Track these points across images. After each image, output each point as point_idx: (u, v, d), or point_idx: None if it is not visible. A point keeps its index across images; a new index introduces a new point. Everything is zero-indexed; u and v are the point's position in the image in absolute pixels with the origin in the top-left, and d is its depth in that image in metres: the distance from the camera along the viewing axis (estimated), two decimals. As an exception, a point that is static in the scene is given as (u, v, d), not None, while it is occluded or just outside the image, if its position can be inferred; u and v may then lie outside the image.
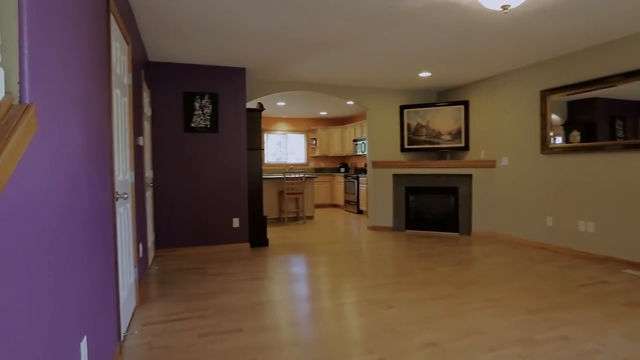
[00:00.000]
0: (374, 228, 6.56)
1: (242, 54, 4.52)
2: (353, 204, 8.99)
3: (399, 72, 5.49)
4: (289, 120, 10.58)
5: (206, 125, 4.92)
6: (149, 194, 4.27)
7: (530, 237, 5.18)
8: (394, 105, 6.69)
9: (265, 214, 7.53)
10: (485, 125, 5.97)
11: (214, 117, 4.94)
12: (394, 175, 6.45)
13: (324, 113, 9.75)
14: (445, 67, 5.25)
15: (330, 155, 10.54)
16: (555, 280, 3.59)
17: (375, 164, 6.50)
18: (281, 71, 5.35)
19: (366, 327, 2.61)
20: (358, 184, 8.77)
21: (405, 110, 6.67)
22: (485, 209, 5.84)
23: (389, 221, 6.47)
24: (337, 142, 10.46)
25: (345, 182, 9.37)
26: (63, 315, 1.29)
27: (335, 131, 10.46)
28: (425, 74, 5.60)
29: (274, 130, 10.44)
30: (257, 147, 5.32)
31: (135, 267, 2.97)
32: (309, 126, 10.78)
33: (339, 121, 11.09)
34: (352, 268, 4.11)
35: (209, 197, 4.96)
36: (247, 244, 5.15)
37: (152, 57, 4.61)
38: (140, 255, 3.40)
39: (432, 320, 2.72)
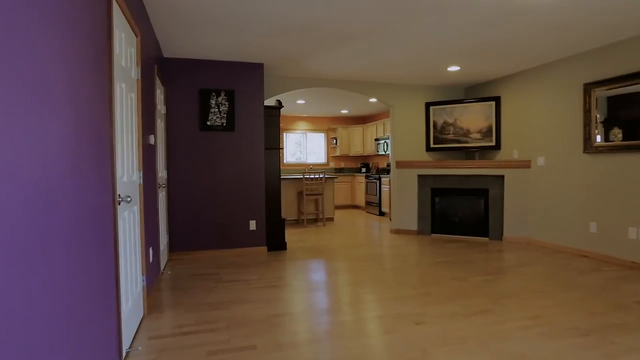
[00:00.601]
0: (397, 231, 6.23)
1: (259, 48, 4.30)
2: (374, 206, 8.67)
3: (427, 66, 5.15)
4: (308, 119, 10.35)
5: (222, 123, 4.72)
6: (162, 195, 4.10)
7: (570, 244, 4.75)
8: (419, 102, 6.35)
9: (283, 215, 7.31)
10: (518, 122, 5.56)
11: (231, 115, 4.74)
12: (419, 176, 6.10)
13: (345, 111, 9.46)
14: (476, 60, 4.88)
15: (351, 154, 10.24)
16: (606, 295, 3.20)
17: (400, 164, 6.18)
18: (301, 66, 5.10)
19: (393, 347, 2.32)
20: (380, 184, 8.45)
21: (432, 108, 6.31)
22: (518, 212, 5.43)
23: (413, 224, 6.13)
24: (358, 141, 10.15)
25: (367, 182, 9.05)
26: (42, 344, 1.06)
27: (357, 130, 10.16)
28: (454, 68, 5.24)
29: (293, 130, 10.23)
30: (275, 147, 5.10)
31: (143, 274, 2.77)
32: (329, 125, 10.51)
33: (360, 120, 10.78)
34: (375, 276, 3.81)
35: (225, 198, 4.76)
36: (264, 248, 4.92)
37: (167, 53, 4.45)
38: (151, 260, 3.21)
39: (467, 340, 2.40)
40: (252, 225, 4.87)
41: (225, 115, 4.73)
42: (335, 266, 4.22)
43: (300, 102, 7.95)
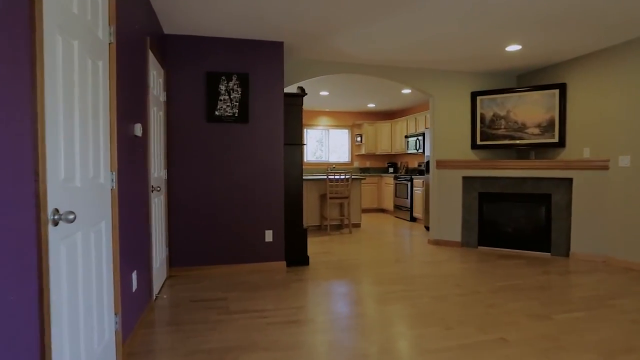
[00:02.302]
0: (436, 242, 5.33)
1: (279, 19, 3.49)
2: (405, 210, 7.77)
3: (481, 45, 4.23)
4: (331, 114, 9.51)
5: (234, 113, 3.93)
6: (159, 200, 3.34)
7: (667, 266, 3.76)
8: (463, 92, 5.42)
9: (304, 222, 6.50)
10: (591, 114, 4.57)
11: (244, 103, 3.95)
12: (464, 178, 5.18)
13: (371, 105, 8.58)
14: (546, 35, 3.94)
15: (378, 153, 9.35)
16: None
17: (441, 164, 5.27)
18: (328, 47, 4.27)
19: None
20: (412, 186, 7.54)
21: (479, 98, 5.38)
22: (591, 223, 4.45)
23: (456, 235, 5.22)
24: (386, 138, 9.25)
25: (396, 184, 8.15)
26: None
27: (384, 126, 9.26)
28: (514, 48, 4.31)
29: (315, 125, 9.41)
30: (296, 142, 4.28)
31: (115, 315, 1.99)
32: (354, 120, 9.64)
33: (388, 115, 9.87)
34: (425, 308, 2.95)
35: (237, 203, 3.97)
36: (282, 263, 4.12)
37: (168, 29, 3.69)
38: (134, 288, 2.44)
39: None
40: (269, 236, 4.07)
41: (237, 103, 3.94)
42: (369, 291, 3.37)
43: (323, 93, 7.12)
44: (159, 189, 3.02)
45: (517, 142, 5.15)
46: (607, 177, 4.37)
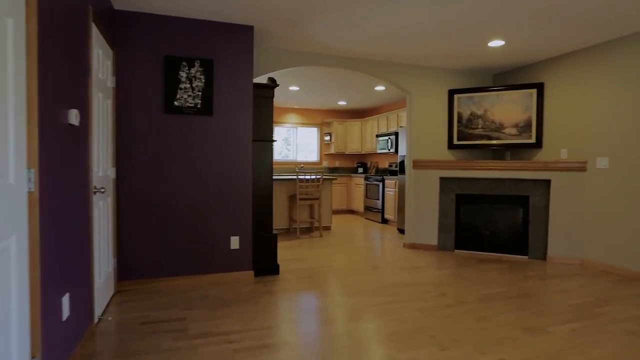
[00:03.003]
0: (412, 246, 5.10)
1: (249, 1, 3.08)
2: (376, 212, 7.53)
3: (462, 38, 4.01)
4: (300, 111, 9.13)
5: (196, 104, 3.47)
6: (104, 203, 2.83)
7: (646, 270, 3.71)
8: (441, 89, 5.22)
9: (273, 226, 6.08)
10: (569, 114, 4.49)
11: (208, 93, 3.49)
12: (442, 179, 4.98)
13: (342, 103, 8.29)
14: (530, 31, 3.77)
15: (347, 152, 9.08)
16: None
17: (418, 164, 5.04)
18: (302, 35, 3.89)
19: None
20: (383, 187, 7.31)
21: (456, 96, 5.20)
22: (568, 226, 4.37)
23: (432, 238, 5.00)
24: (356, 137, 9.00)
25: (367, 184, 7.91)
26: None
27: (354, 125, 9.00)
28: (496, 43, 4.13)
29: (282, 123, 8.99)
30: (266, 139, 3.87)
31: (33, 358, 1.52)
32: (323, 118, 9.32)
33: (359, 113, 9.62)
34: (412, 324, 2.65)
35: (199, 206, 3.51)
36: (250, 273, 3.69)
37: (119, 3, 3.16)
38: (65, 316, 1.95)
39: None
40: (235, 242, 3.64)
41: (199, 93, 3.47)
42: (348, 305, 3.03)
43: (293, 88, 6.73)
44: (103, 190, 2.52)
45: (495, 142, 5.01)
46: (584, 178, 4.30)
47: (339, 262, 4.35)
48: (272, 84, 3.86)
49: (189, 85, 3.44)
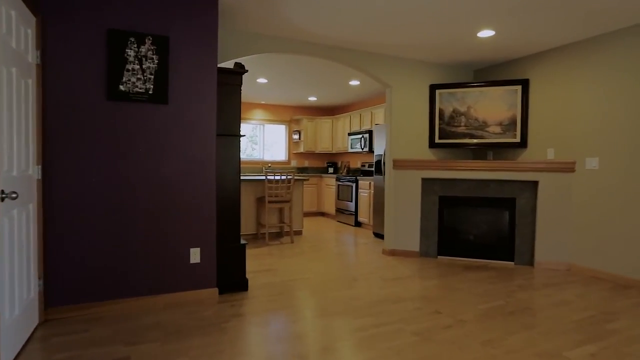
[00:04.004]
0: (392, 253, 4.72)
1: (212, -40, 2.53)
2: (348, 214, 7.13)
3: (450, 26, 3.67)
4: (267, 107, 8.56)
5: (147, 89, 2.87)
6: (26, 212, 2.18)
7: (638, 276, 3.52)
8: (422, 84, 4.88)
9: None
10: (555, 113, 4.28)
11: (162, 77, 2.90)
12: (424, 180, 4.63)
13: (313, 99, 7.82)
14: (523, 21, 3.48)
15: (317, 151, 8.63)
16: None
17: (398, 164, 4.66)
18: (274, 15, 3.38)
19: None
20: (357, 188, 6.92)
21: (438, 92, 4.88)
22: (556, 230, 4.15)
23: (414, 244, 4.65)
24: (327, 135, 8.57)
25: (339, 185, 7.49)
26: None
27: (325, 122, 8.56)
28: (486, 33, 3.82)
29: (248, 119, 8.39)
30: (233, 133, 3.33)
31: None
32: (292, 115, 8.81)
33: (330, 110, 9.20)
34: (411, 354, 2.22)
35: (150, 213, 2.91)
36: (214, 291, 3.13)
37: (45, -41, 2.52)
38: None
39: None
40: (195, 255, 3.07)
41: (152, 76, 2.88)
42: (333, 329, 2.57)
43: (261, 81, 6.18)
44: (14, 195, 1.90)
45: (478, 141, 4.73)
46: (572, 180, 4.09)
47: (315, 274, 3.88)
48: (240, 69, 3.31)
49: (138, 67, 2.83)
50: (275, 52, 3.97)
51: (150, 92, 2.87)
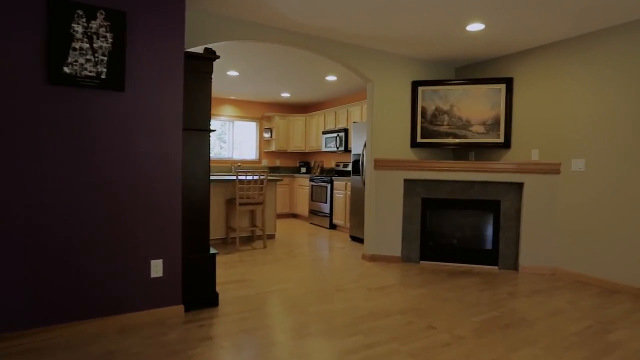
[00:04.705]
0: (373, 258, 4.45)
1: None
2: (323, 216, 6.82)
3: (438, 18, 3.44)
4: (238, 102, 8.10)
5: (99, 73, 2.42)
6: None
7: (626, 281, 3.43)
8: (404, 79, 4.65)
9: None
10: (540, 112, 4.17)
11: (117, 59, 2.46)
12: (407, 181, 4.40)
13: (286, 95, 7.45)
14: (514, 14, 3.30)
15: (290, 150, 8.27)
16: None
17: (380, 164, 4.40)
18: (250, -6, 3.01)
19: None
20: (332, 189, 6.63)
21: (420, 89, 4.66)
22: (541, 233, 4.03)
23: (395, 249, 4.40)
24: (299, 134, 8.22)
25: (312, 186, 7.17)
26: None
27: (298, 120, 8.21)
28: (475, 27, 3.62)
29: (217, 115, 7.90)
30: (202, 127, 2.92)
31: None
32: (264, 112, 8.40)
33: (303, 108, 8.86)
34: (414, 382, 1.94)
35: (103, 219, 2.46)
36: (179, 308, 2.73)
37: None
38: None
39: None
40: (157, 268, 2.64)
41: (104, 58, 2.43)
42: (320, 352, 2.24)
43: (232, 73, 5.75)
44: None
45: (461, 140, 4.55)
46: (558, 182, 3.98)
47: (292, 284, 3.54)
48: (211, 55, 2.92)
49: (87, 46, 2.38)
50: (250, 39, 3.59)
51: (103, 77, 2.43)
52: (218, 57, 2.92)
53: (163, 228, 2.65)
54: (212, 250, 2.96)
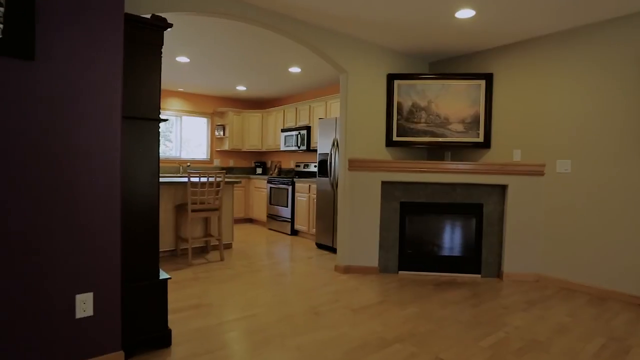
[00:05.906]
0: (347, 270, 3.99)
1: None
2: (283, 221, 6.26)
3: (427, 2, 3.04)
4: (187, 95, 7.28)
5: (-6, 33, 1.69)
6: None
7: (617, 287, 3.27)
8: (379, 71, 4.24)
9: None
10: (522, 110, 3.95)
11: (22, 14, 1.75)
12: (384, 184, 3.99)
13: (241, 88, 6.78)
14: (507, 1, 3.00)
15: (244, 149, 7.59)
16: None
17: (355, 165, 3.94)
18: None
19: None
20: (293, 192, 6.08)
21: (396, 82, 4.28)
22: (524, 238, 3.80)
23: (372, 258, 3.97)
24: (255, 131, 7.58)
25: (271, 188, 6.57)
26: None
27: (254, 116, 7.56)
28: (465, 13, 3.28)
29: (163, 109, 7.02)
30: (149, 116, 2.25)
31: None
32: (216, 107, 7.64)
33: (259, 103, 8.22)
34: None
35: (3, 244, 1.73)
36: (117, 355, 2.04)
37: None
38: None
39: None
40: (85, 305, 1.95)
41: (1, 8, 1.71)
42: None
43: (182, 59, 5.00)
44: None
45: (440, 139, 4.23)
46: (541, 184, 3.77)
47: (261, 308, 2.95)
48: (161, 22, 2.26)
49: (-24, -8, 1.65)
50: (204, 13, 2.96)
51: (5, 40, 1.70)
52: (170, 25, 2.27)
53: (93, 251, 1.96)
54: (163, 275, 2.31)
